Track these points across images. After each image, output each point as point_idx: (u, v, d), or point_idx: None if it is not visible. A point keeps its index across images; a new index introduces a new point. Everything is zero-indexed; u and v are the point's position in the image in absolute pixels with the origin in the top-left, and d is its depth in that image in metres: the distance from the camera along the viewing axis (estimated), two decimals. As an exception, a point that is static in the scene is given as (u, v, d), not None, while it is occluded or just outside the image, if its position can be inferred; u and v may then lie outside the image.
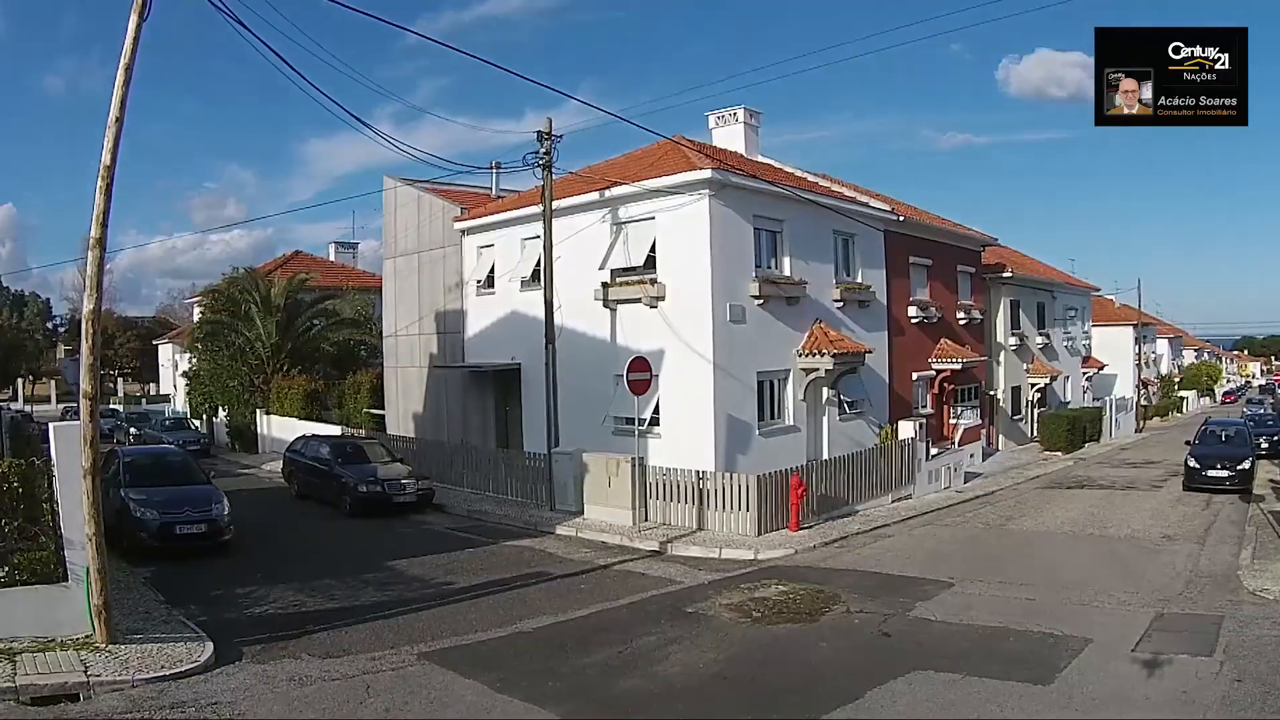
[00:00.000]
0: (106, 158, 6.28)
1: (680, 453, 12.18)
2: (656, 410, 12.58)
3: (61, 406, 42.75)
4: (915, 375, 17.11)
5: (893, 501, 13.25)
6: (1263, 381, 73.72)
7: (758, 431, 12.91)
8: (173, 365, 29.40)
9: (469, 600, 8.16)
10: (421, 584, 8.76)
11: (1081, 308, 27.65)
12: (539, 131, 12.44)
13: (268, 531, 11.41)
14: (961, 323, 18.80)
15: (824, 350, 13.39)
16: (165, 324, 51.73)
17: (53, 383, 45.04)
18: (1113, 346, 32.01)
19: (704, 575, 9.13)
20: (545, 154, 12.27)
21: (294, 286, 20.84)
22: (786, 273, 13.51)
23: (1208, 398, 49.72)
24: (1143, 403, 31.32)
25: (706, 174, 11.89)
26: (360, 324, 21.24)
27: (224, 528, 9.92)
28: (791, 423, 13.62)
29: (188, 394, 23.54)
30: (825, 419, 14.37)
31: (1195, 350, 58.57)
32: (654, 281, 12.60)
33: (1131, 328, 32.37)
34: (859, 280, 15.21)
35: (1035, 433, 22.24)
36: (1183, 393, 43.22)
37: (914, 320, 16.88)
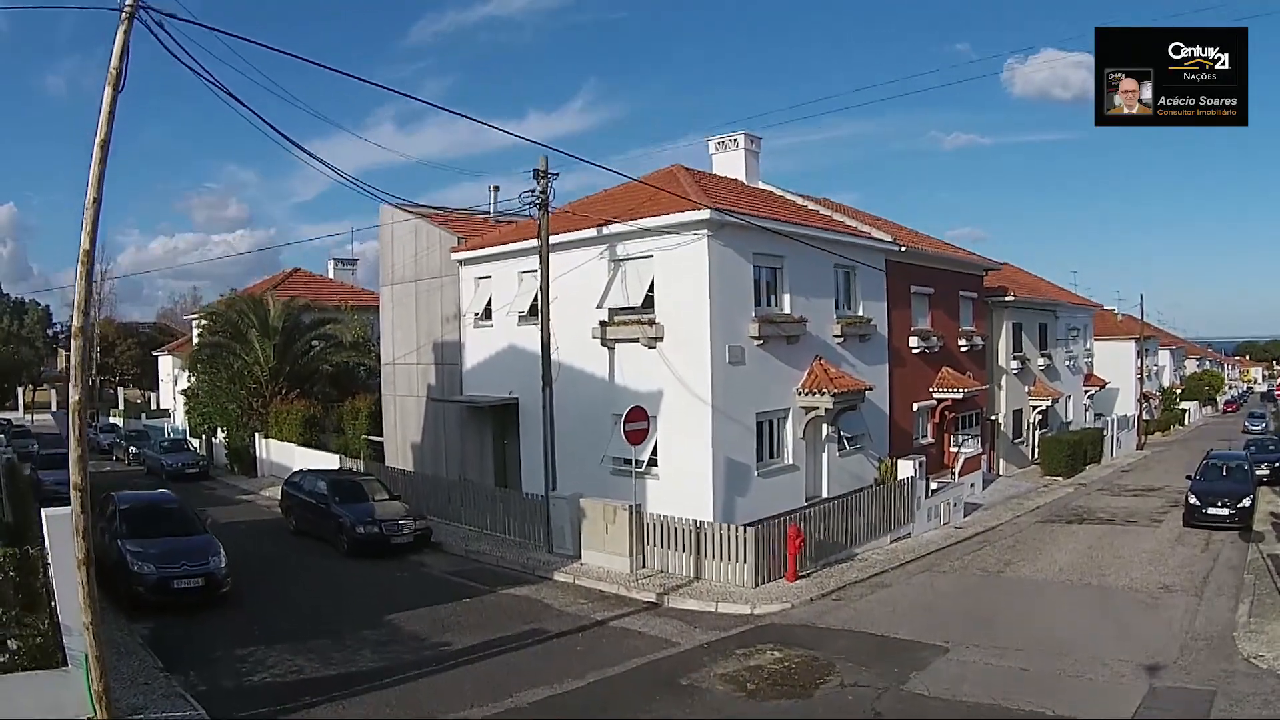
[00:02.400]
0: (85, 241, 6.08)
1: (678, 495, 12.15)
2: (655, 452, 12.52)
3: (63, 416, 42.99)
4: (916, 406, 17.03)
5: (891, 541, 13.22)
6: (1264, 388, 73.52)
7: (756, 473, 12.85)
8: (172, 380, 29.40)
9: (466, 665, 8.13)
10: (418, 644, 8.73)
11: (1084, 325, 27.52)
12: (535, 170, 12.31)
13: (266, 575, 11.38)
14: (963, 350, 18.70)
15: (824, 389, 13.31)
16: (166, 330, 51.72)
17: (53, 391, 45.12)
18: (1115, 361, 31.89)
19: (700, 635, 9.09)
20: (541, 193, 12.16)
21: (292, 310, 20.76)
22: (786, 310, 13.40)
23: (1210, 407, 49.62)
24: (1144, 417, 31.23)
25: (705, 214, 11.76)
26: (359, 346, 21.18)
27: (222, 580, 9.89)
28: (791, 461, 13.56)
29: (186, 413, 23.52)
30: (825, 455, 14.31)
31: (1197, 359, 58.38)
32: (652, 322, 12.51)
33: (1134, 341, 32.20)
34: (860, 314, 15.10)
35: (1036, 455, 22.19)
36: (1184, 404, 43.06)
37: (915, 350, 16.78)
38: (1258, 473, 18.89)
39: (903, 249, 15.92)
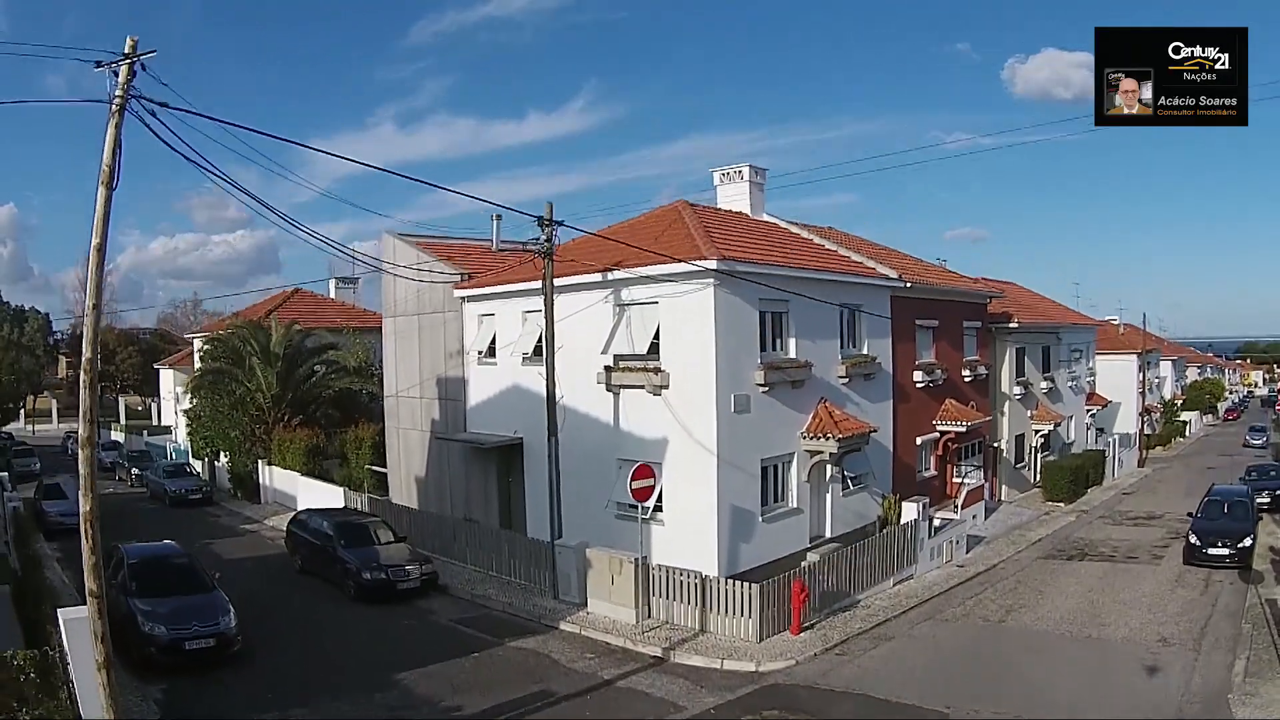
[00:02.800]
0: (86, 349, 6.10)
1: (683, 542, 12.23)
2: (660, 498, 12.55)
3: (64, 428, 42.63)
4: (919, 440, 17.08)
5: (895, 584, 13.30)
6: (1264, 392, 73.49)
7: (761, 518, 12.91)
8: (174, 398, 29.41)
9: (476, 734, 8.23)
10: (430, 707, 8.80)
11: (1086, 344, 27.54)
12: (539, 218, 12.26)
13: (275, 624, 11.43)
14: (967, 380, 18.72)
15: (829, 434, 13.34)
16: (166, 337, 51.66)
17: (54, 402, 45.06)
18: (1117, 376, 31.90)
19: (706, 697, 9.16)
20: (546, 240, 12.12)
21: (294, 337, 20.74)
22: (792, 354, 13.41)
23: (1210, 415, 49.70)
24: (1145, 432, 31.33)
25: (712, 264, 11.74)
26: (362, 371, 21.17)
27: (232, 639, 9.94)
28: (795, 505, 13.61)
29: (189, 434, 23.56)
30: (828, 496, 14.37)
31: (1198, 367, 58.36)
32: (658, 370, 12.52)
33: (1135, 356, 32.23)
34: (865, 352, 15.10)
35: (1038, 477, 22.28)
36: (1185, 415, 43.14)
37: (919, 385, 16.80)
38: (1258, 501, 19.07)
39: (908, 285, 15.89)
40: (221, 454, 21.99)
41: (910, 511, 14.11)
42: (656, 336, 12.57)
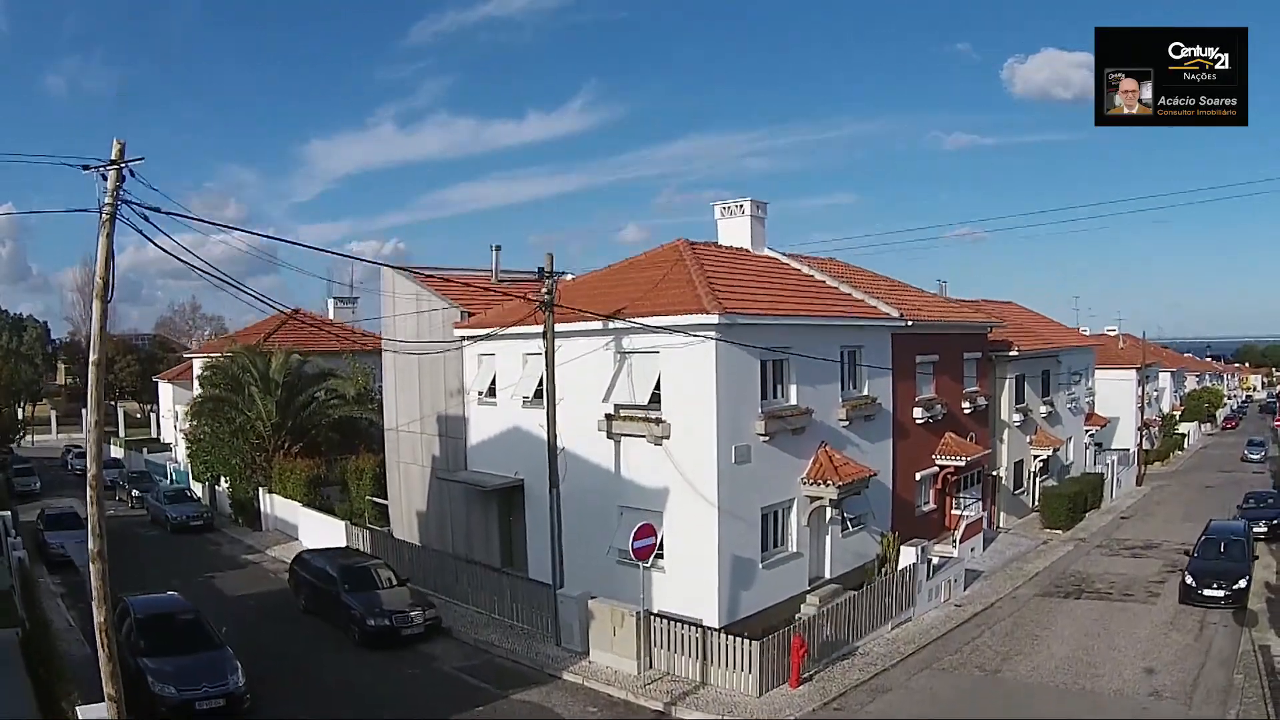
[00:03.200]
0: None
1: (684, 590, 12.30)
2: (660, 546, 12.62)
3: (64, 439, 42.44)
4: (919, 475, 17.12)
5: (893, 629, 13.39)
6: (1264, 396, 73.44)
7: (761, 565, 12.97)
8: (173, 416, 29.39)
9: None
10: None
11: (1085, 365, 27.56)
12: (540, 268, 12.23)
13: (282, 673, 11.47)
14: (966, 412, 18.74)
15: (829, 480, 13.38)
16: (166, 344, 51.56)
17: (53, 411, 44.93)
18: (1116, 391, 31.97)
19: (707, 760, 9.28)
20: (547, 292, 12.08)
21: (293, 366, 20.70)
22: (793, 401, 13.42)
23: (1209, 423, 49.78)
24: (1144, 447, 31.46)
25: (714, 319, 11.72)
26: (361, 398, 21.16)
27: (242, 697, 9.99)
28: (795, 549, 13.68)
29: (189, 456, 23.59)
30: (828, 537, 14.43)
31: (1196, 375, 58.35)
32: (659, 421, 12.53)
33: (1134, 372, 32.28)
34: (865, 394, 15.12)
35: (1037, 502, 22.38)
36: (1183, 427, 43.23)
37: (919, 421, 16.82)
38: (1256, 530, 19.21)
39: (909, 324, 15.86)
40: (222, 478, 22.04)
41: (909, 556, 14.18)
42: (657, 387, 12.57)
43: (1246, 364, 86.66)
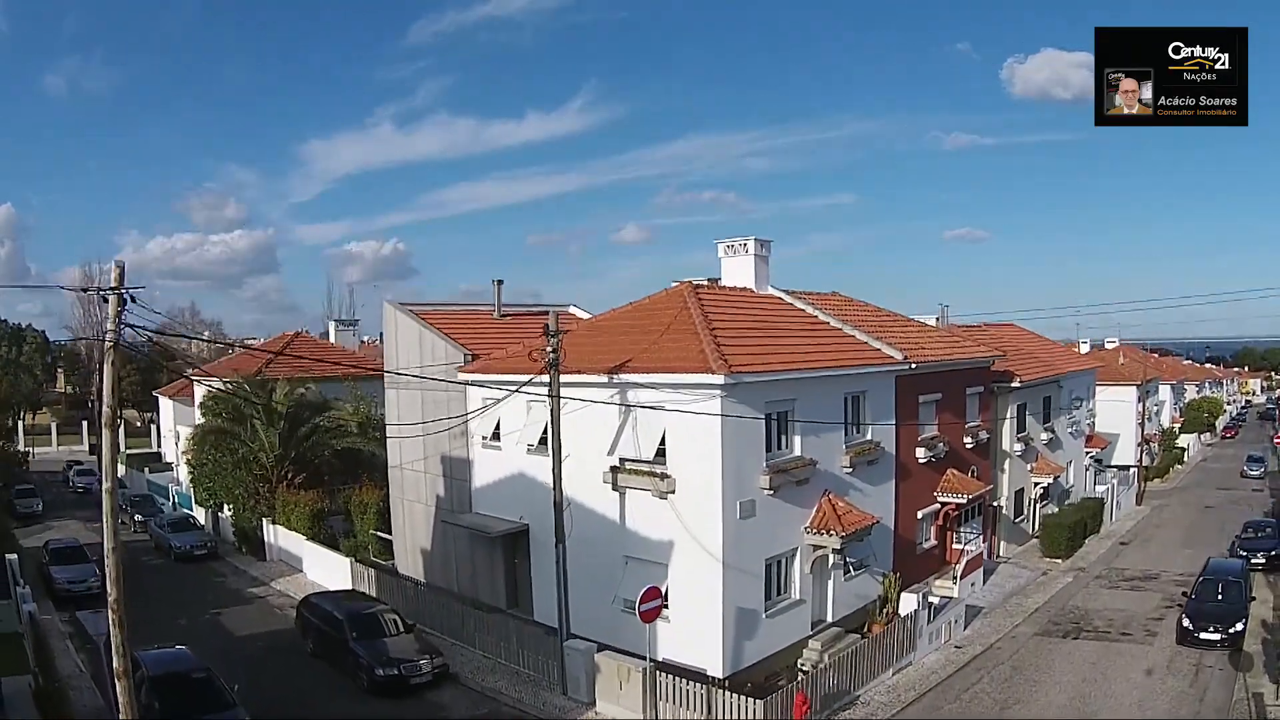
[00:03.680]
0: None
1: (688, 640, 12.39)
2: (666, 598, 12.72)
3: (65, 451, 42.30)
4: (920, 514, 17.20)
5: (893, 675, 13.52)
6: (1263, 400, 73.48)
7: (764, 615, 13.06)
8: (175, 436, 29.38)
9: None
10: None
11: (1087, 386, 27.59)
12: (545, 326, 12.19)
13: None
14: (969, 447, 18.79)
15: (832, 530, 13.44)
16: (165, 352, 51.24)
17: (54, 423, 44.83)
18: (1116, 407, 32.02)
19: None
20: (553, 351, 12.06)
21: (296, 399, 20.68)
22: (797, 452, 13.45)
23: (1209, 433, 49.89)
24: (1144, 463, 31.60)
25: (720, 379, 11.71)
26: (364, 428, 21.17)
27: (255, 760, 10.10)
28: (797, 597, 13.77)
29: (192, 481, 23.63)
30: (830, 582, 14.51)
31: (1196, 385, 58.34)
32: (664, 476, 12.56)
33: (1135, 389, 32.33)
34: (868, 438, 15.15)
35: (1037, 528, 22.49)
36: (1182, 440, 43.33)
37: (921, 461, 16.87)
38: (1254, 561, 19.37)
39: (913, 366, 15.86)
40: (225, 506, 22.09)
41: (910, 602, 14.28)
42: (663, 441, 12.59)
43: (1245, 368, 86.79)
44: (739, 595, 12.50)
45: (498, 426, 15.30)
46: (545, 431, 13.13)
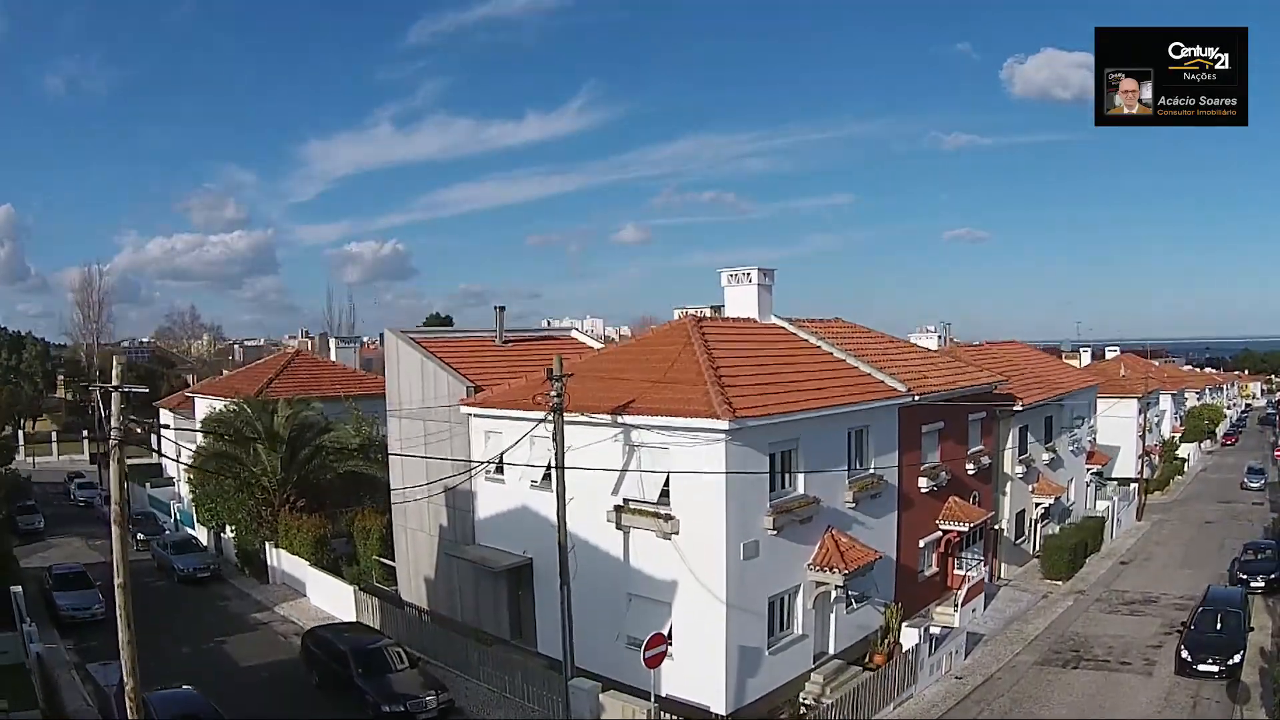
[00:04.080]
0: None
1: (692, 677, 12.44)
2: (670, 636, 12.76)
3: (65, 461, 42.06)
4: (922, 542, 17.24)
5: (894, 708, 13.60)
6: (1264, 404, 73.32)
7: (767, 651, 13.11)
8: (175, 452, 29.30)
9: None
10: None
11: (1088, 403, 27.60)
12: (548, 369, 12.17)
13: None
14: (971, 473, 18.80)
15: (835, 567, 13.46)
16: (165, 359, 51.41)
17: (54, 431, 44.76)
18: (1117, 420, 32.03)
19: None
20: (556, 396, 12.03)
21: (298, 422, 20.67)
22: (800, 491, 13.46)
23: (1209, 440, 49.90)
24: (1145, 476, 31.67)
25: (724, 425, 11.70)
26: (365, 448, 21.18)
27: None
28: (800, 632, 13.81)
29: (194, 501, 23.65)
30: (832, 615, 14.56)
31: (1196, 392, 58.26)
32: (668, 518, 12.58)
33: (1136, 401, 32.34)
34: (872, 471, 15.15)
35: (1038, 548, 22.57)
36: (1182, 450, 43.36)
37: (924, 490, 16.89)
38: (1253, 585, 19.45)
39: (916, 399, 15.84)
40: (227, 526, 22.12)
41: (911, 637, 14.34)
42: (667, 483, 12.60)
43: (1246, 370, 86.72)
44: (742, 634, 12.54)
45: (501, 459, 15.28)
46: (548, 467, 13.14)
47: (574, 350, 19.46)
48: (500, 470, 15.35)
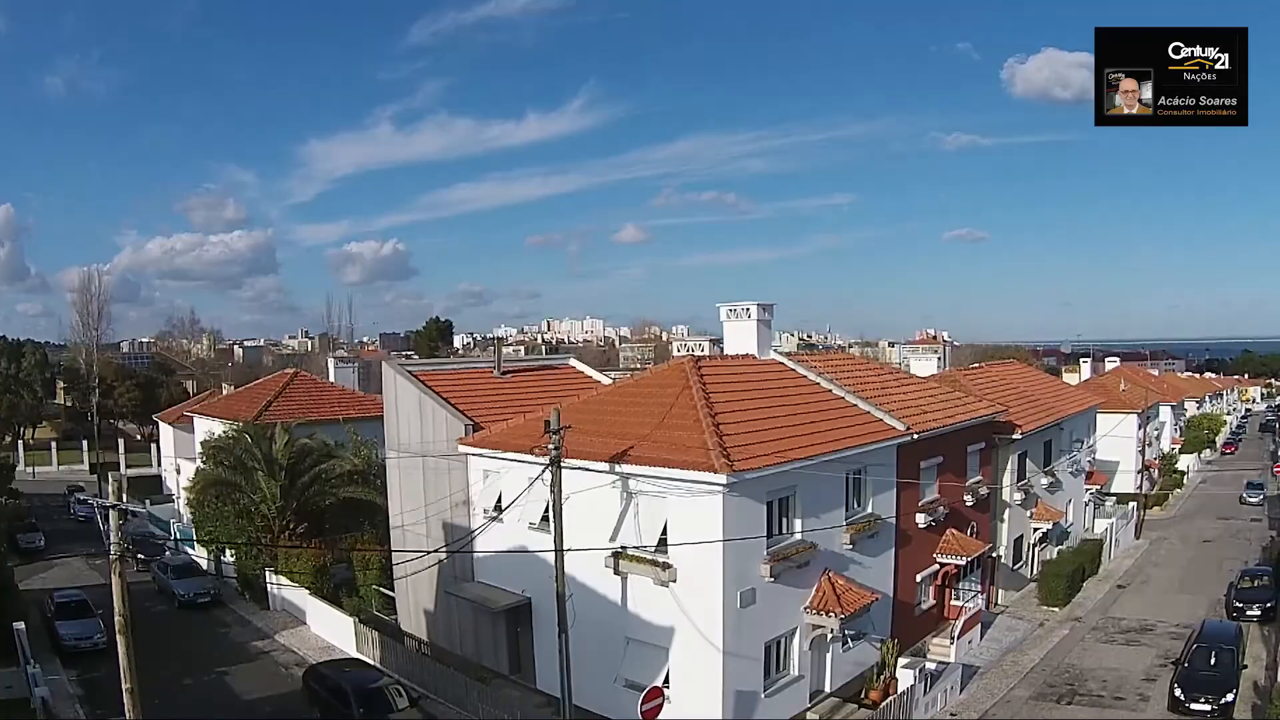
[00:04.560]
0: None
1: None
2: (667, 679, 12.84)
3: (66, 472, 42.02)
4: (919, 576, 17.28)
5: (892, 751, 13.73)
6: (1263, 409, 73.00)
7: (763, 695, 13.17)
8: (175, 468, 29.41)
9: None
10: None
11: (1087, 424, 27.56)
12: (545, 421, 12.13)
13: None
14: (969, 505, 18.81)
15: (832, 611, 13.51)
16: (164, 366, 51.38)
17: (54, 440, 44.71)
18: (1117, 434, 31.97)
19: None
20: (555, 448, 12.01)
21: (297, 449, 20.68)
22: (797, 536, 13.48)
23: (1209, 449, 49.88)
24: (1144, 491, 31.65)
25: (722, 478, 11.70)
26: (363, 473, 21.20)
27: None
28: (796, 673, 13.88)
29: (194, 523, 23.71)
30: (829, 655, 14.64)
31: (1197, 401, 58.06)
32: (665, 566, 12.61)
33: (1135, 416, 32.30)
34: (869, 512, 15.17)
35: (1035, 572, 22.62)
36: (1181, 462, 43.27)
37: (922, 526, 16.91)
38: (1249, 613, 19.52)
39: (915, 437, 15.82)
40: (227, 549, 22.20)
41: (907, 678, 14.41)
42: (664, 532, 12.61)
43: (1245, 374, 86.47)
44: (738, 679, 12.61)
45: (499, 500, 15.30)
46: (546, 510, 13.15)
47: (573, 381, 19.43)
48: (499, 509, 15.36)
